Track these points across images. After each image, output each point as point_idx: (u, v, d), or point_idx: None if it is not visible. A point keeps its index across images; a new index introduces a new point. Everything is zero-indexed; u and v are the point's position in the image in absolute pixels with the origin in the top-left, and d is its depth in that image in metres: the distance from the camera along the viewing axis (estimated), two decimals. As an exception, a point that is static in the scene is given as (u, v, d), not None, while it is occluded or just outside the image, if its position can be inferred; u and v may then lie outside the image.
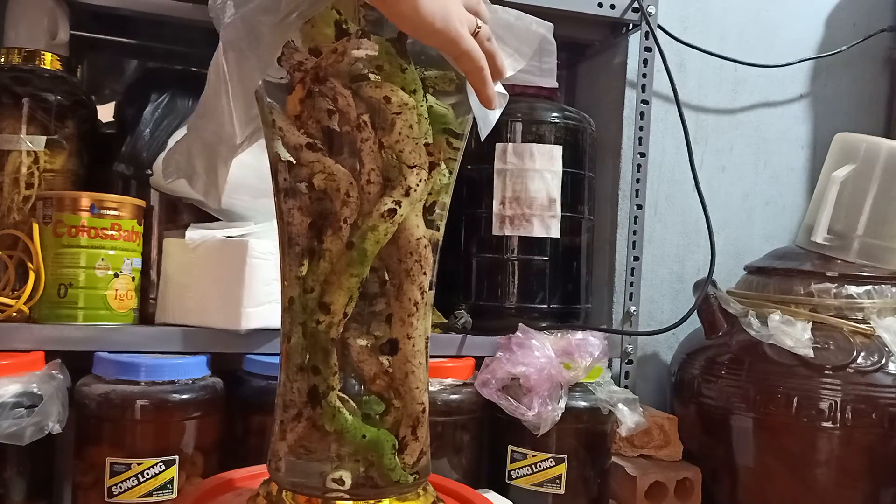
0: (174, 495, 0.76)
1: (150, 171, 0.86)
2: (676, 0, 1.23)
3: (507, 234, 0.99)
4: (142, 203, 0.87)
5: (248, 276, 0.82)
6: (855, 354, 0.91)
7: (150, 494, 0.75)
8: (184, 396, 0.78)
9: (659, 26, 1.07)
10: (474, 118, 0.57)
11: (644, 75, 1.07)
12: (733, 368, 0.97)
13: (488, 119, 0.55)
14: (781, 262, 1.05)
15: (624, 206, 1.09)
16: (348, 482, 0.53)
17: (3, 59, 0.88)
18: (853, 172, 1.03)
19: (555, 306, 1.01)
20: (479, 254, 1.01)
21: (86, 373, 0.79)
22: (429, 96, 0.53)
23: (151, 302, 0.90)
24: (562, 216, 1.00)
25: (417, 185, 0.51)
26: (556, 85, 0.59)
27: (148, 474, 0.75)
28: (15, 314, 0.80)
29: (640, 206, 1.08)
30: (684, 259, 1.26)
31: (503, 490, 0.90)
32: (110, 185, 0.90)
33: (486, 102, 0.52)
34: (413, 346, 0.53)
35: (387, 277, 0.53)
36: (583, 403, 0.90)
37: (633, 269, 1.08)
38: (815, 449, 0.92)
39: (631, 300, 1.08)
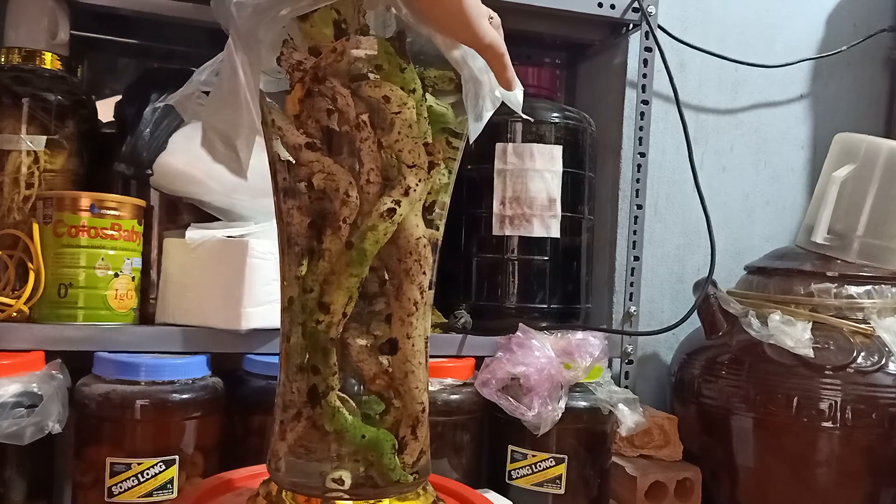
0: (174, 495, 0.76)
1: (150, 171, 0.86)
2: (676, 0, 1.23)
3: (507, 234, 0.99)
4: (142, 203, 0.87)
5: (248, 276, 0.82)
6: (855, 354, 0.91)
7: (150, 494, 0.75)
8: (184, 396, 0.78)
9: (659, 26, 1.06)
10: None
11: (644, 75, 1.07)
12: (733, 368, 0.97)
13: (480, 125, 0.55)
14: (781, 262, 1.05)
15: (624, 206, 1.09)
16: (348, 482, 0.53)
17: (3, 59, 0.88)
18: (853, 172, 1.03)
19: (555, 306, 1.01)
20: (479, 254, 1.01)
21: (86, 373, 0.80)
22: (428, 96, 0.52)
23: (151, 302, 0.90)
24: (562, 216, 1.00)
25: (417, 185, 0.51)
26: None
27: (148, 474, 0.75)
28: (15, 314, 0.80)
29: (640, 206, 1.08)
30: (684, 259, 1.26)
31: (503, 490, 0.90)
32: (110, 185, 0.90)
33: (507, 84, 0.54)
34: (413, 345, 0.53)
35: (386, 277, 0.53)
36: (583, 403, 0.90)
37: (633, 269, 1.08)
38: (815, 449, 0.92)
39: (631, 300, 1.08)
